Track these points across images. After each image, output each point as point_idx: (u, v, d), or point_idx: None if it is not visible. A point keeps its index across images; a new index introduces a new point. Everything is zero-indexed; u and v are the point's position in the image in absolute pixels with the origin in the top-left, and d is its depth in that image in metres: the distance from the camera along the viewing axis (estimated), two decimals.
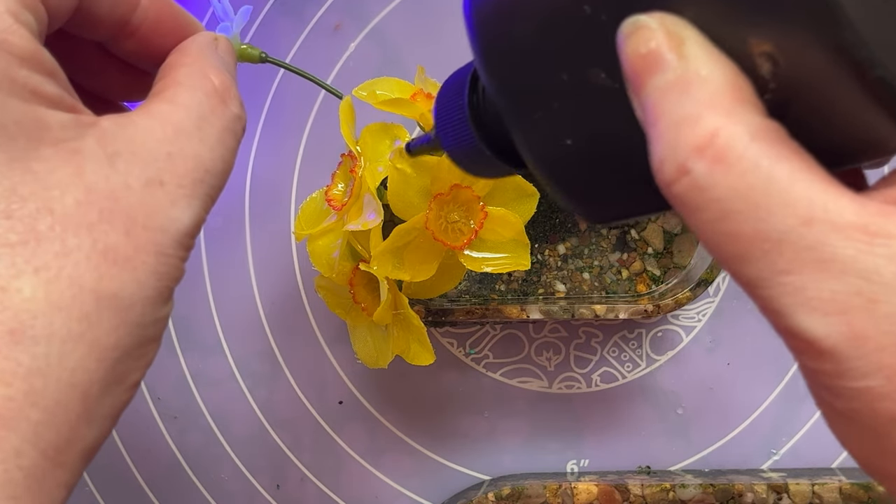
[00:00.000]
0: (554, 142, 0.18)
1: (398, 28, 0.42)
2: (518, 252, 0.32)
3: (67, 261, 0.18)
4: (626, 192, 0.19)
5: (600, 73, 0.17)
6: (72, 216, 0.18)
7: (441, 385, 0.41)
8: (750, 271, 0.15)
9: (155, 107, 0.21)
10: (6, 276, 0.17)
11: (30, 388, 0.17)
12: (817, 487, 0.38)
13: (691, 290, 0.37)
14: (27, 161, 0.18)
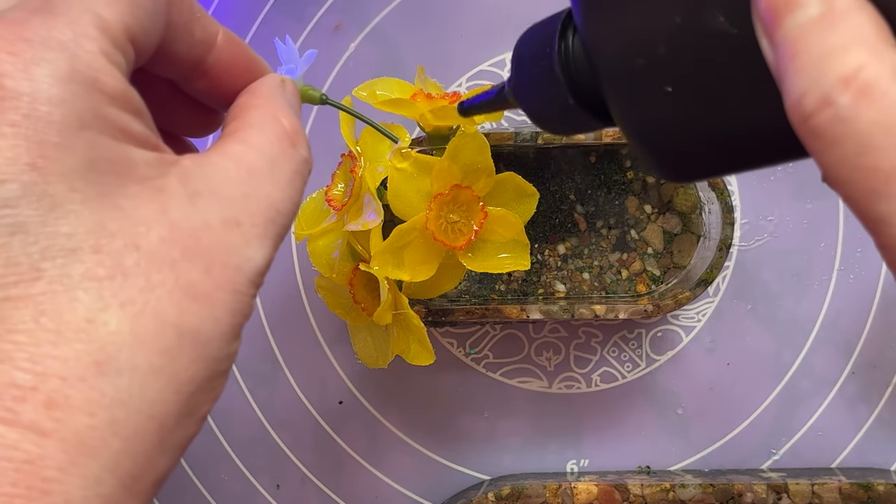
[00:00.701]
0: (654, 90, 0.18)
1: (398, 28, 0.42)
2: (518, 252, 0.32)
3: (151, 296, 0.19)
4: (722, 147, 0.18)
5: (718, 16, 0.17)
6: (156, 253, 0.19)
7: (441, 385, 0.42)
8: (882, 207, 0.16)
9: (230, 147, 0.22)
10: (94, 308, 0.18)
11: (112, 418, 0.18)
12: (817, 487, 0.38)
13: (691, 290, 0.37)
14: (115, 197, 0.19)
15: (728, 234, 0.36)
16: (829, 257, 0.41)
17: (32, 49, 0.18)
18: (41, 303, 0.17)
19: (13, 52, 0.18)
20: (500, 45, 0.41)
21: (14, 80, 0.18)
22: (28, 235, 0.17)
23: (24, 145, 0.18)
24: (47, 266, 0.18)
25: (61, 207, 0.18)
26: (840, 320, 0.41)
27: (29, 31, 0.18)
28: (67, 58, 0.19)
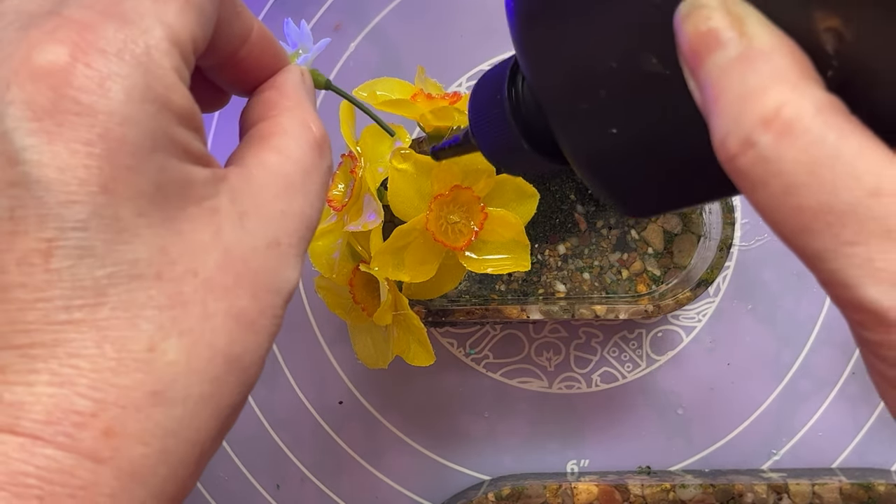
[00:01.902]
0: (599, 132, 0.18)
1: (398, 28, 0.42)
2: (518, 253, 0.32)
3: (207, 325, 0.19)
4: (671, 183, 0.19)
5: (651, 59, 0.17)
6: (212, 279, 0.19)
7: (441, 385, 0.41)
8: (815, 244, 0.15)
9: (267, 157, 0.21)
10: (155, 338, 0.18)
11: (163, 447, 0.18)
12: (817, 488, 0.38)
13: (691, 290, 0.37)
14: (177, 221, 0.19)
15: (728, 234, 0.36)
16: None
17: (108, 62, 0.18)
18: (105, 329, 0.17)
19: (89, 63, 0.18)
20: (500, 45, 0.41)
21: (90, 96, 0.17)
22: (96, 259, 0.17)
23: (96, 166, 0.17)
24: (112, 292, 0.17)
25: (128, 232, 0.18)
26: (840, 321, 0.41)
27: (103, 39, 0.18)
28: (142, 74, 0.18)
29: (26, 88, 0.17)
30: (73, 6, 0.18)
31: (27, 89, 0.17)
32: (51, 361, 0.17)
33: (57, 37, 0.18)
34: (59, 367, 0.17)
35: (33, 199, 0.17)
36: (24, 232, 0.17)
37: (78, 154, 0.17)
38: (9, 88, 0.17)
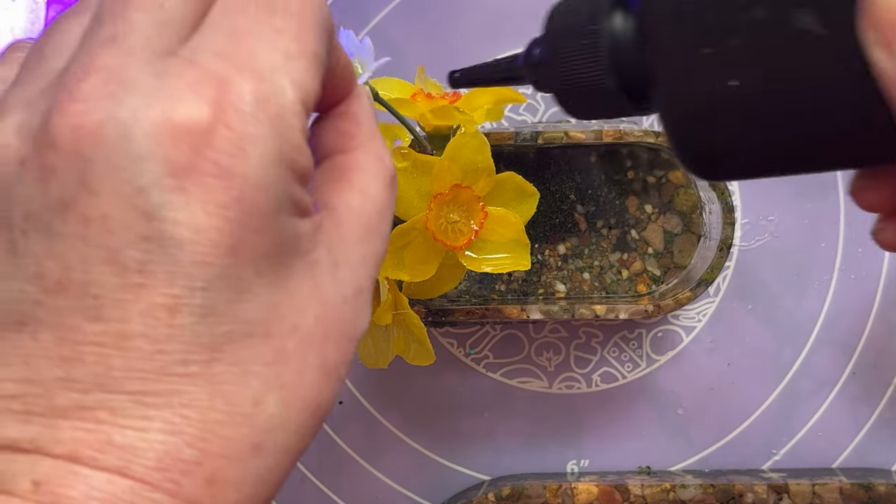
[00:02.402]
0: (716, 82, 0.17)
1: (398, 28, 0.42)
2: (518, 252, 0.32)
3: (303, 378, 0.19)
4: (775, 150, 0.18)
5: (807, 16, 0.16)
6: (310, 334, 0.19)
7: (441, 385, 0.41)
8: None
9: (351, 198, 0.22)
10: (260, 392, 0.18)
11: (253, 493, 0.19)
12: (818, 488, 0.38)
13: (691, 290, 0.37)
14: (286, 277, 0.19)
15: (728, 234, 0.36)
16: (829, 257, 0.41)
17: (245, 124, 0.18)
18: (217, 383, 0.18)
19: (229, 124, 0.18)
20: (500, 45, 0.41)
21: (229, 159, 0.18)
22: (216, 318, 0.18)
23: (227, 229, 0.17)
24: (227, 348, 0.18)
25: (248, 292, 0.18)
26: (841, 320, 0.41)
27: (240, 98, 0.18)
28: (275, 136, 0.18)
29: (166, 145, 0.17)
30: (208, 54, 0.18)
31: (167, 146, 0.17)
32: (164, 410, 0.17)
33: (198, 92, 0.18)
34: (172, 416, 0.17)
35: (166, 255, 0.17)
36: (152, 286, 0.17)
37: (213, 216, 0.17)
38: (148, 142, 0.17)
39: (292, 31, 0.19)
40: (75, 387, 0.17)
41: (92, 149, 0.17)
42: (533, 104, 0.41)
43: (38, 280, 0.17)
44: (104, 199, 0.17)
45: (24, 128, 0.18)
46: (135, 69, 0.18)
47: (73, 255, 0.17)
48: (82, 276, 0.17)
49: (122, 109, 0.17)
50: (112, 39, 0.18)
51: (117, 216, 0.17)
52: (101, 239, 0.17)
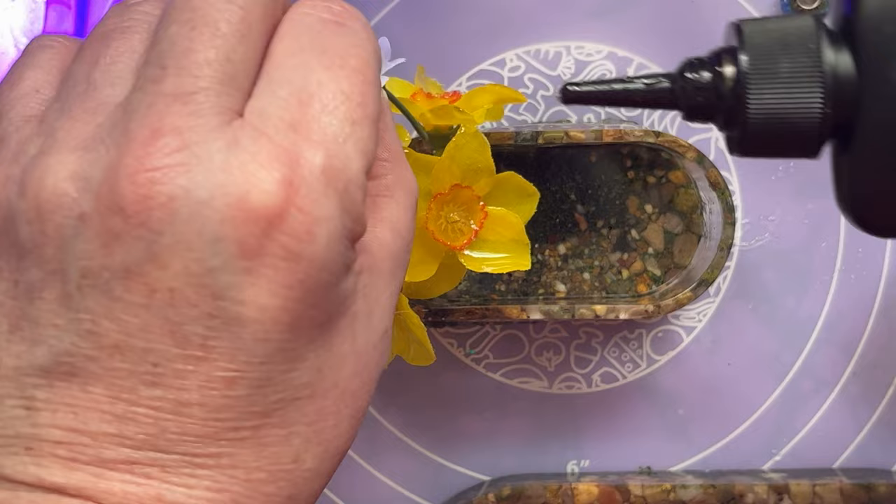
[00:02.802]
0: None
1: (398, 28, 0.42)
2: (518, 252, 0.32)
3: (336, 432, 0.20)
4: None
5: None
6: (346, 388, 0.20)
7: (441, 385, 0.41)
8: None
9: (383, 235, 0.22)
10: (300, 450, 0.19)
11: None
12: (818, 488, 0.38)
13: (692, 290, 0.37)
14: (331, 337, 0.19)
15: (729, 234, 0.36)
16: (830, 257, 0.41)
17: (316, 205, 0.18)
18: (264, 445, 0.18)
19: (301, 208, 0.18)
20: (500, 45, 0.41)
21: (299, 243, 0.18)
22: (271, 387, 0.18)
23: (291, 308, 0.18)
24: (276, 413, 0.18)
25: (300, 360, 0.19)
26: (841, 320, 0.41)
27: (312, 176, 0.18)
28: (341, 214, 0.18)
29: (239, 228, 0.17)
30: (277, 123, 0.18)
31: (240, 229, 0.17)
32: (213, 470, 0.18)
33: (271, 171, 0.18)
34: (219, 476, 0.18)
35: (229, 333, 0.17)
36: (213, 360, 0.18)
37: (277, 297, 0.18)
38: (222, 225, 0.17)
39: (356, 94, 0.19)
40: (126, 443, 0.17)
41: (162, 223, 0.17)
42: (533, 104, 0.41)
43: (92, 337, 0.17)
44: (172, 274, 0.17)
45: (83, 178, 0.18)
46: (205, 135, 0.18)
47: (134, 321, 0.17)
48: (142, 343, 0.17)
49: (195, 185, 0.17)
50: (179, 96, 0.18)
51: (185, 293, 0.17)
52: (165, 312, 0.17)
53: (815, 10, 0.39)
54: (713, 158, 0.40)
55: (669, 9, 0.41)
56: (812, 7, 0.39)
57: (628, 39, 0.41)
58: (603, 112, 0.41)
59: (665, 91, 0.21)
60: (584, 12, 0.41)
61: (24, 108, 0.20)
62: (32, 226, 0.18)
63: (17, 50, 0.38)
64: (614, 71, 0.41)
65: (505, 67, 0.41)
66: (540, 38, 0.41)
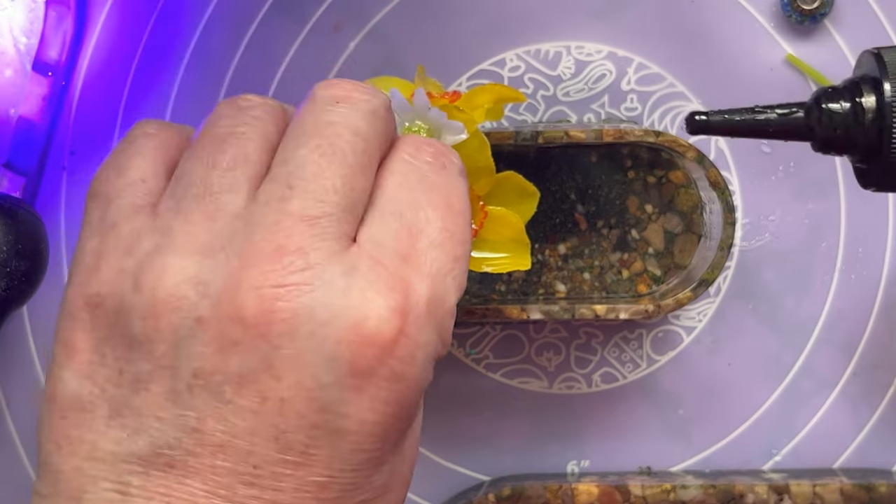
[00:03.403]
0: None
1: (398, 28, 0.41)
2: (518, 252, 0.32)
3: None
4: None
5: None
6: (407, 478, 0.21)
7: (441, 385, 0.41)
8: None
9: None
10: None
11: None
12: (819, 488, 0.38)
13: (692, 290, 0.37)
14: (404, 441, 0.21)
15: (729, 234, 0.36)
16: (830, 257, 0.40)
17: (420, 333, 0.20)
18: None
19: (409, 335, 0.20)
20: (500, 44, 0.41)
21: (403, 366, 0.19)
22: (358, 490, 0.20)
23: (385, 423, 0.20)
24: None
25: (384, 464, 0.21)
26: (842, 320, 0.41)
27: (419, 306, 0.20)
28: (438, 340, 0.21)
29: (354, 350, 0.19)
30: (392, 256, 0.20)
31: (355, 351, 0.19)
32: None
33: (387, 300, 0.19)
34: None
35: (329, 443, 0.19)
36: (311, 466, 0.19)
37: (377, 413, 0.19)
38: (338, 346, 0.18)
39: (459, 233, 0.21)
40: None
41: (281, 337, 0.18)
42: (533, 104, 0.41)
43: (196, 434, 0.18)
44: (286, 385, 0.18)
45: (202, 283, 0.19)
46: (327, 258, 0.19)
47: (241, 424, 0.18)
48: (247, 445, 0.18)
49: (317, 305, 0.18)
50: (305, 218, 0.19)
51: (295, 404, 0.18)
52: (274, 419, 0.18)
53: (816, 10, 0.39)
54: (713, 158, 0.40)
55: (669, 9, 0.41)
56: (812, 7, 0.39)
57: (628, 39, 0.41)
58: (603, 111, 0.41)
59: (799, 122, 0.20)
60: (584, 12, 0.41)
61: (133, 197, 0.21)
62: (146, 322, 0.19)
63: (16, 50, 0.38)
64: (614, 71, 0.41)
65: (505, 67, 0.41)
66: (540, 38, 0.41)
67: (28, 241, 0.34)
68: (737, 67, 0.40)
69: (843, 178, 0.41)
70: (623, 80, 0.41)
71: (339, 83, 0.22)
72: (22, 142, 0.39)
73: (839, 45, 0.40)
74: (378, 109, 0.21)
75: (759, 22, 0.40)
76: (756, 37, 0.40)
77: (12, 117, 0.38)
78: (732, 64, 0.40)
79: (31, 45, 0.38)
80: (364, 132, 0.21)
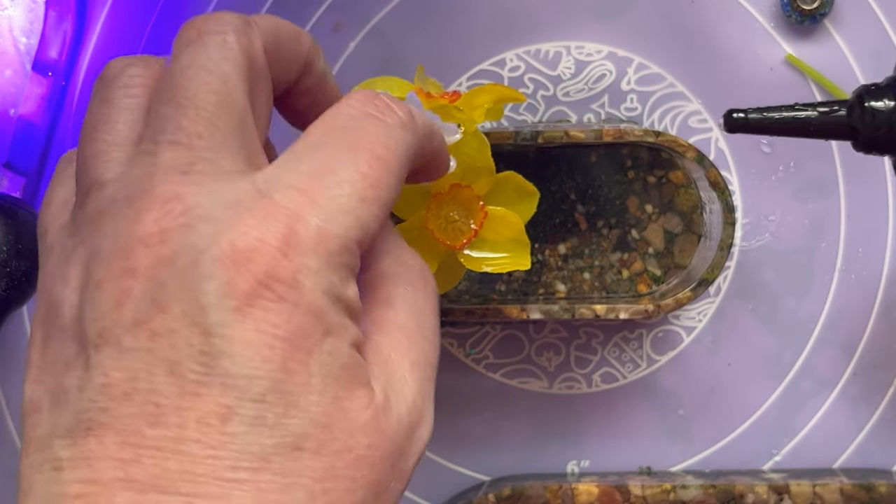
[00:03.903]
0: None
1: (398, 28, 0.42)
2: (518, 252, 0.32)
3: (350, 497, 0.20)
4: None
5: None
6: (363, 457, 0.20)
7: (441, 385, 0.41)
8: None
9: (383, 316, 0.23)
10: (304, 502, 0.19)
11: None
12: (818, 488, 0.38)
13: (692, 289, 0.37)
14: (344, 401, 0.20)
15: (729, 234, 0.36)
16: (830, 257, 0.41)
17: (304, 257, 0.19)
18: (263, 491, 0.19)
19: (289, 256, 0.19)
20: (500, 45, 0.41)
21: (284, 287, 0.19)
22: (266, 429, 0.19)
23: (278, 347, 0.19)
24: (276, 459, 0.19)
25: (298, 408, 0.19)
26: (842, 320, 0.41)
27: (307, 232, 0.19)
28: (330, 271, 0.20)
29: (230, 270, 0.19)
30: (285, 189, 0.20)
31: (230, 271, 0.19)
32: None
33: (266, 226, 0.19)
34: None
35: (220, 368, 0.19)
36: (207, 395, 0.19)
37: (265, 334, 0.19)
38: (214, 267, 0.19)
39: (373, 176, 0.21)
40: (132, 486, 0.18)
41: (166, 274, 0.19)
42: (533, 104, 0.41)
43: (105, 389, 0.19)
44: (172, 316, 0.19)
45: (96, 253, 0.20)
46: (206, 197, 0.20)
47: (140, 366, 0.19)
48: (146, 385, 0.19)
49: (196, 239, 0.19)
50: (177, 166, 0.20)
51: (182, 332, 0.19)
52: (166, 353, 0.19)
53: (816, 10, 0.39)
54: (713, 158, 0.40)
55: (669, 9, 0.41)
56: (812, 7, 0.39)
57: (628, 39, 0.41)
58: (603, 111, 0.41)
59: (841, 120, 0.19)
60: (584, 12, 0.41)
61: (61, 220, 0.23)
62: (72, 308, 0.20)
63: (16, 50, 0.38)
64: (614, 71, 0.41)
65: (505, 67, 0.41)
66: (540, 38, 0.41)
67: (28, 241, 0.34)
68: (737, 67, 0.40)
69: (843, 178, 0.41)
70: (623, 80, 0.41)
71: (191, 21, 0.22)
72: (22, 142, 0.39)
73: (839, 45, 0.40)
74: (229, 39, 0.21)
75: (759, 22, 0.40)
76: (756, 37, 0.40)
77: (12, 117, 0.38)
78: (732, 64, 0.40)
79: (31, 45, 0.38)
80: (214, 66, 0.21)
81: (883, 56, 0.40)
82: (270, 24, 0.23)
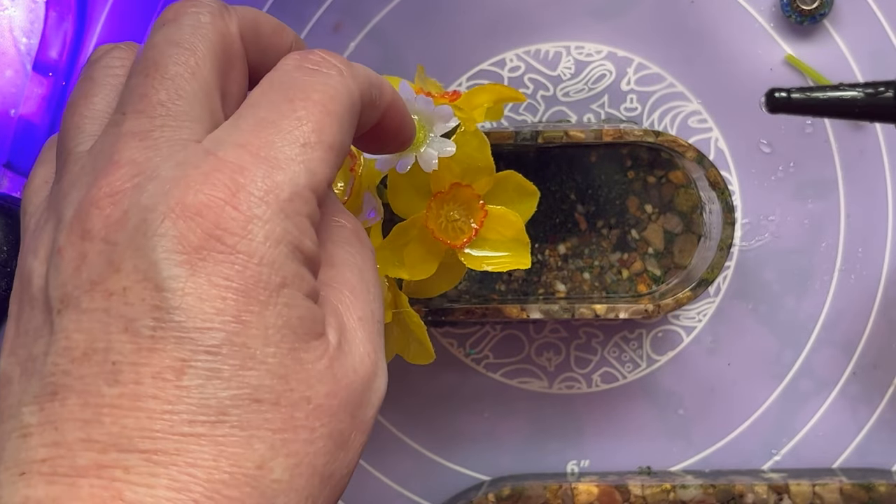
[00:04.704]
0: None
1: (398, 28, 0.42)
2: (518, 251, 0.32)
3: (311, 448, 0.20)
4: None
5: None
6: (321, 406, 0.20)
7: (441, 385, 0.41)
8: None
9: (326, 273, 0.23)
10: (266, 457, 0.19)
11: None
12: (818, 488, 0.38)
13: (692, 289, 0.37)
14: (300, 352, 0.20)
15: (729, 234, 0.36)
16: (830, 257, 0.41)
17: (253, 206, 0.20)
18: (222, 444, 0.19)
19: (237, 206, 0.19)
20: (500, 45, 0.41)
21: (234, 238, 0.19)
22: (222, 382, 0.19)
23: (232, 298, 0.19)
24: (233, 412, 0.19)
25: (255, 360, 0.19)
26: (841, 320, 0.41)
27: (252, 183, 0.20)
28: (282, 219, 0.20)
29: (178, 225, 0.19)
30: (228, 146, 0.20)
31: (179, 226, 0.19)
32: (171, 468, 0.18)
33: (212, 180, 0.20)
34: (178, 475, 0.18)
35: (173, 322, 0.19)
36: (162, 350, 0.19)
37: (217, 287, 0.19)
38: (162, 222, 0.19)
39: (313, 120, 0.21)
40: (94, 447, 0.18)
41: (118, 234, 0.19)
42: (533, 104, 0.41)
43: (67, 352, 0.19)
44: (124, 274, 0.19)
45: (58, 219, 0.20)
46: (159, 161, 0.20)
47: (97, 326, 0.19)
48: (104, 344, 0.19)
49: (145, 198, 0.19)
50: (136, 134, 0.20)
51: (136, 289, 0.19)
52: (121, 310, 0.19)
53: (815, 10, 0.39)
54: (713, 158, 0.40)
55: (669, 9, 0.41)
56: (812, 7, 0.39)
57: (628, 39, 0.41)
58: (603, 111, 0.41)
59: (888, 102, 0.19)
60: (584, 12, 0.41)
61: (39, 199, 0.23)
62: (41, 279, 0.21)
63: (17, 50, 0.38)
64: (614, 71, 0.41)
65: (505, 67, 0.41)
66: (540, 38, 0.41)
67: None
68: (737, 67, 0.40)
69: (842, 178, 0.41)
70: (623, 80, 0.41)
71: (172, 5, 0.23)
72: (22, 142, 0.39)
73: (839, 45, 0.40)
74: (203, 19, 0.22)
75: (758, 22, 0.40)
76: (756, 37, 0.40)
77: (13, 117, 0.38)
78: (732, 64, 0.40)
79: (31, 45, 0.38)
80: (184, 41, 0.22)
81: (882, 56, 0.40)
82: (250, 14, 0.24)
